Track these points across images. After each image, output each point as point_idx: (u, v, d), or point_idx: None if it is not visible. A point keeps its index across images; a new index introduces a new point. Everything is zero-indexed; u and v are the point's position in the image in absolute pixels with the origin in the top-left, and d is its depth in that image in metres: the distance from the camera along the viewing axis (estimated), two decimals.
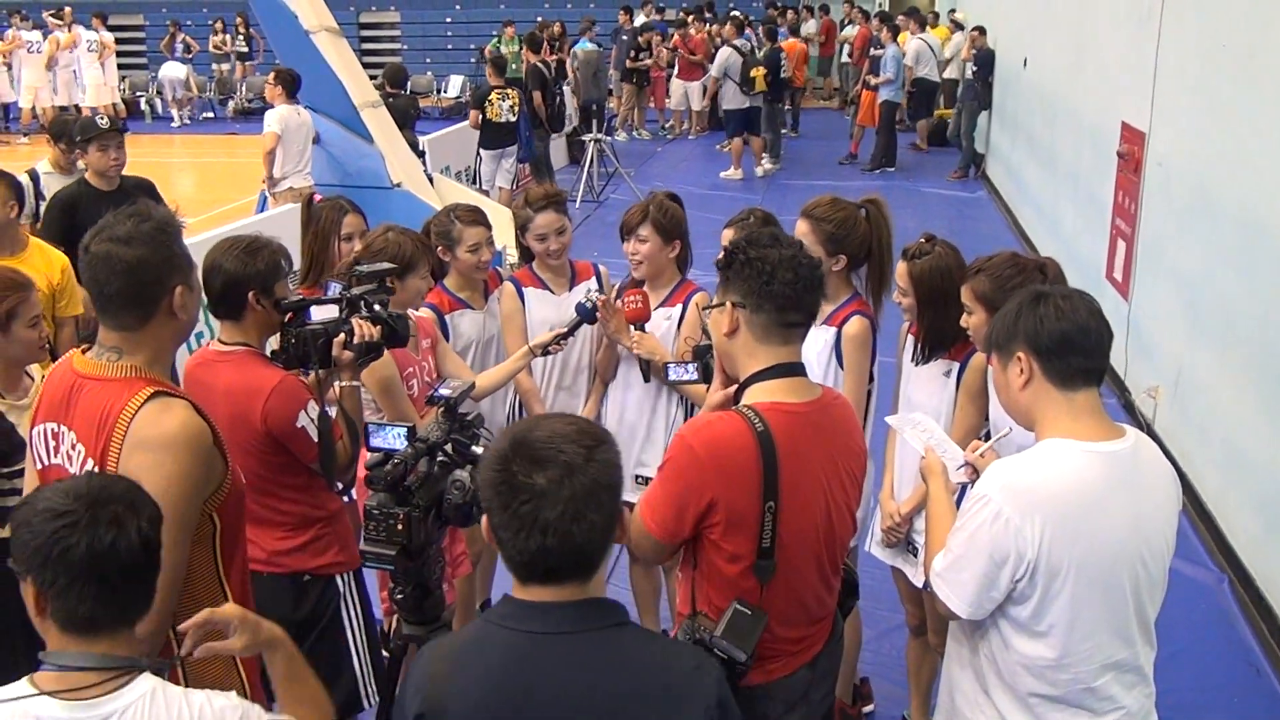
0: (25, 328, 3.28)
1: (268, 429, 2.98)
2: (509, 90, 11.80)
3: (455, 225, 4.02)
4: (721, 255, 2.59)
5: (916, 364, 3.58)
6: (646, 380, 3.98)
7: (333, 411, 3.14)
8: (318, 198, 3.85)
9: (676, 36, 17.72)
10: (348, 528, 3.34)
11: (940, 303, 3.39)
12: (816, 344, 3.59)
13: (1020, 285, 3.08)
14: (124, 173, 5.84)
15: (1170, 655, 3.47)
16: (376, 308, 3.13)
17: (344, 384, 3.09)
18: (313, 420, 2.99)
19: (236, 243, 3.04)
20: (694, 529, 2.47)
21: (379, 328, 3.10)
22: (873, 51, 15.77)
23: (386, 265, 3.35)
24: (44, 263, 4.78)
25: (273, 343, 3.10)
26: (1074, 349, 2.35)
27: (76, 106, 18.03)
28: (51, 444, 2.49)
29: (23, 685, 1.90)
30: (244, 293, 3.00)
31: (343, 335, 3.03)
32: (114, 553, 1.89)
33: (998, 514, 2.31)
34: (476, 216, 4.08)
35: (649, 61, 17.68)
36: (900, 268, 3.48)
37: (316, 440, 2.99)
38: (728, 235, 3.85)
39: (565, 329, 3.83)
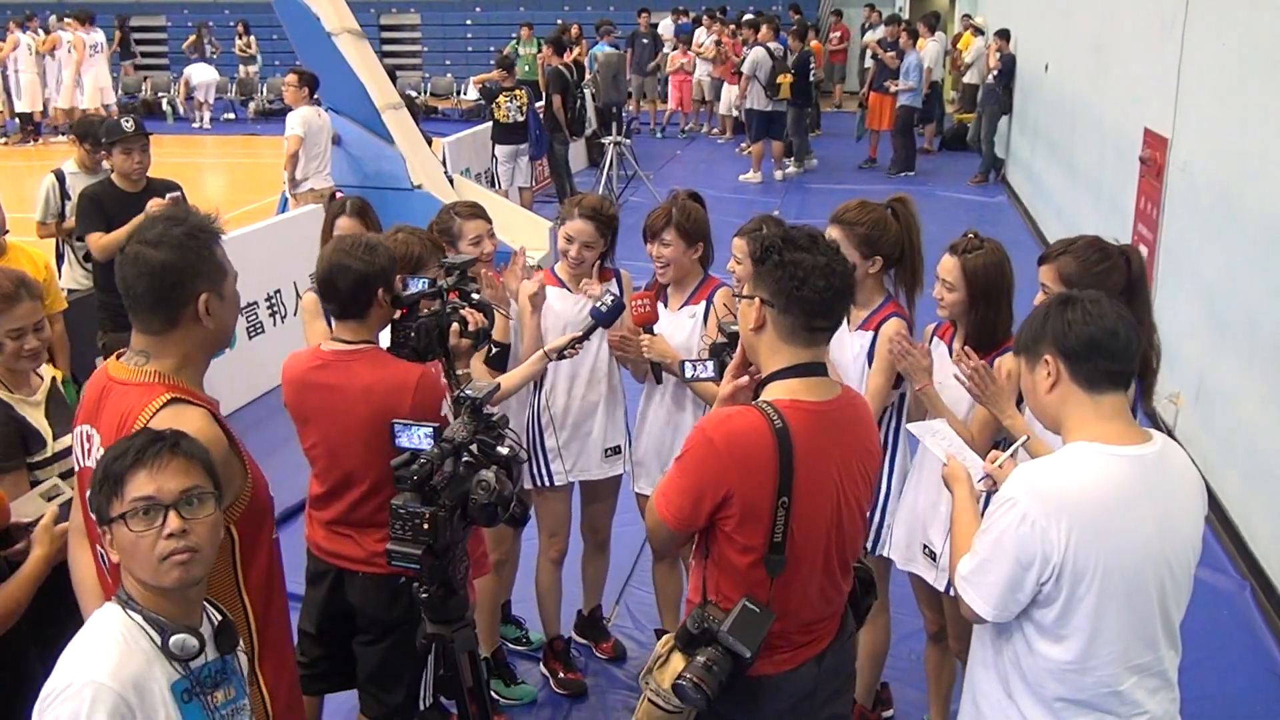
0: (4, 337, 3.25)
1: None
2: (517, 91, 12.08)
3: (455, 221, 4.05)
4: (759, 248, 2.55)
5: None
6: (659, 381, 3.99)
7: None
8: (339, 195, 3.89)
9: (726, 40, 17.77)
10: None
11: (993, 298, 3.39)
12: (853, 348, 3.59)
13: (1105, 271, 3.11)
14: (151, 174, 5.90)
15: (1192, 662, 3.43)
16: (475, 295, 3.26)
17: (460, 371, 3.16)
18: (450, 412, 3.05)
19: (355, 243, 3.09)
20: (708, 519, 2.50)
21: (482, 314, 3.23)
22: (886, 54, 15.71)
23: (467, 257, 3.45)
24: (29, 265, 4.83)
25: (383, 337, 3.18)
26: (1101, 352, 2.35)
27: (66, 110, 18.07)
28: (86, 446, 2.51)
29: None
30: (373, 290, 3.05)
31: (455, 325, 3.13)
32: None
33: (1024, 516, 2.31)
34: (475, 210, 4.13)
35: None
36: (949, 263, 3.44)
37: None
38: (738, 244, 3.85)
39: (580, 333, 3.78)
